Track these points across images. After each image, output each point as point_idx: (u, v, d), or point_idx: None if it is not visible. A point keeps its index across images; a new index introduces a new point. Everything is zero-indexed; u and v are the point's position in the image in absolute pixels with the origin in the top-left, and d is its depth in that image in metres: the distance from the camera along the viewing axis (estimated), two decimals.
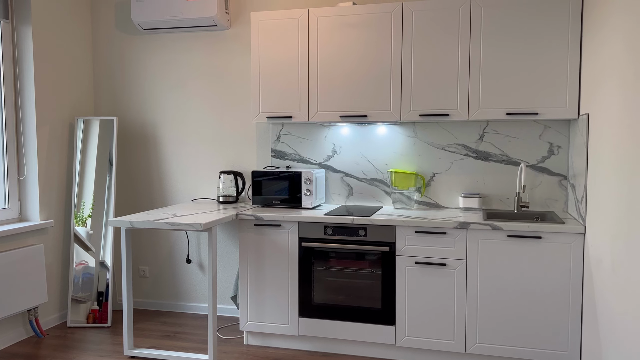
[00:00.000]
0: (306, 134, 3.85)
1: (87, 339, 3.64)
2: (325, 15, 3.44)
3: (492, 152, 3.53)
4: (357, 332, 3.28)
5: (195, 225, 3.02)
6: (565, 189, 3.42)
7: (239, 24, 3.94)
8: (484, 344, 3.08)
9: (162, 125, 4.15)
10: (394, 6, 3.31)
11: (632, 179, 2.11)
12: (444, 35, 3.25)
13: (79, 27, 4.11)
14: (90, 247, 3.93)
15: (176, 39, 4.07)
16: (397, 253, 3.18)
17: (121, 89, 4.22)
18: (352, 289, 3.28)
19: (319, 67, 3.47)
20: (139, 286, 4.30)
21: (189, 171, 4.12)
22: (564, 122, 3.41)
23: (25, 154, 3.72)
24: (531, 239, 2.98)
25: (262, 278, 3.42)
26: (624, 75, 2.26)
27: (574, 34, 3.07)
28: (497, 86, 3.19)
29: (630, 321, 2.11)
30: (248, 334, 3.55)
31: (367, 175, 3.76)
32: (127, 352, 3.32)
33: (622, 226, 2.24)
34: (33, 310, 3.64)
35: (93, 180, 3.96)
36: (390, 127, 3.69)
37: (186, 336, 3.70)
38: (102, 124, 4.00)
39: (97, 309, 3.91)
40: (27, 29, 3.65)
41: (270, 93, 3.56)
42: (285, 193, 3.60)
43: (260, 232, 3.40)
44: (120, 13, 4.18)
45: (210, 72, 4.03)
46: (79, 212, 3.93)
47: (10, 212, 3.66)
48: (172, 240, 4.19)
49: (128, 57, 4.19)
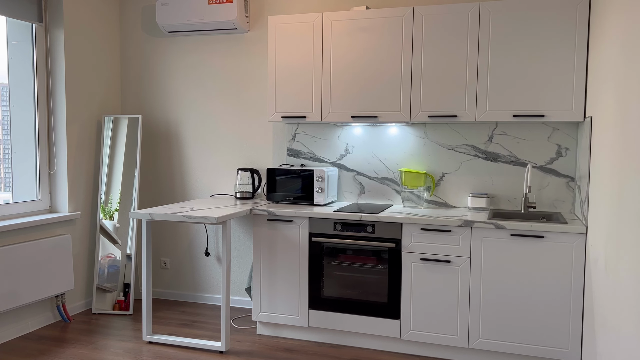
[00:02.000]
0: (320, 134, 3.99)
1: (109, 325, 3.85)
2: (339, 19, 3.56)
3: (500, 153, 3.60)
4: (364, 325, 3.40)
5: (210, 218, 3.18)
6: (572, 191, 3.47)
7: (258, 27, 4.11)
8: (486, 339, 3.16)
9: (184, 124, 4.35)
10: (405, 10, 3.42)
11: (623, 182, 2.18)
12: (453, 38, 3.34)
13: (108, 30, 4.34)
14: (117, 239, 4.14)
15: (198, 42, 4.26)
16: (404, 249, 3.29)
17: (146, 88, 4.44)
18: (360, 283, 3.40)
19: (332, 69, 3.60)
20: (160, 277, 4.50)
21: (208, 168, 4.31)
22: (572, 125, 3.46)
23: (55, 149, 3.96)
24: (534, 238, 3.05)
25: (274, 271, 3.57)
26: (618, 79, 2.32)
27: (580, 38, 3.13)
28: (505, 88, 3.27)
29: (620, 320, 2.18)
30: (260, 324, 3.70)
31: (379, 174, 3.87)
32: (146, 337, 3.51)
33: (613, 228, 2.31)
34: (60, 296, 3.87)
35: (121, 175, 4.18)
36: (401, 128, 3.80)
37: (202, 325, 3.87)
38: (128, 122, 4.22)
39: (123, 300, 4.12)
40: (60, 31, 3.89)
41: (285, 94, 3.71)
42: (299, 190, 3.74)
43: (273, 226, 3.55)
44: (146, 17, 4.39)
45: (230, 73, 4.20)
46: (106, 206, 4.16)
47: (41, 204, 3.91)
48: (192, 233, 4.38)
49: (153, 59, 4.40)
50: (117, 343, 3.52)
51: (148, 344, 3.50)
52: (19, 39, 3.81)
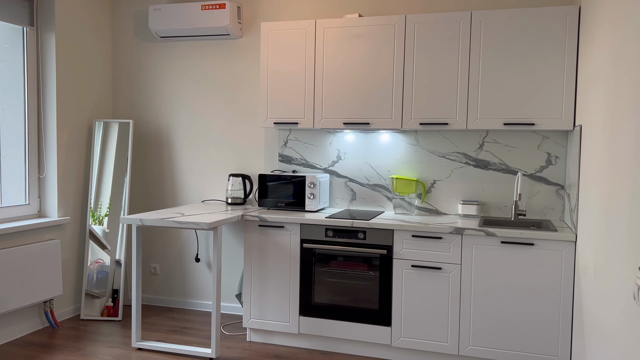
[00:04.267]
0: (312, 140, 3.99)
1: (98, 331, 3.82)
2: (332, 26, 3.58)
3: (491, 161, 3.63)
4: (355, 331, 3.39)
5: (201, 224, 3.17)
6: (562, 198, 3.50)
7: (251, 33, 4.11)
8: (476, 346, 3.17)
9: (176, 129, 4.34)
10: (397, 18, 3.44)
11: (612, 190, 2.20)
12: (444, 47, 3.37)
13: (100, 35, 4.32)
14: (106, 245, 4.11)
15: (191, 47, 4.26)
16: (395, 256, 3.30)
17: (138, 93, 4.42)
18: (351, 290, 3.40)
19: (324, 76, 3.61)
20: (150, 283, 4.47)
21: (200, 173, 4.29)
22: (562, 133, 3.49)
23: (45, 153, 3.93)
24: (524, 245, 3.07)
25: (265, 277, 3.56)
26: (608, 88, 2.35)
27: (570, 47, 3.16)
28: (496, 97, 3.30)
29: (609, 327, 2.19)
30: (251, 331, 3.69)
31: (370, 181, 3.88)
32: (135, 344, 3.48)
33: (602, 235, 2.33)
34: (49, 302, 3.83)
35: (111, 180, 4.15)
36: (393, 135, 3.81)
37: (192, 331, 3.85)
38: (119, 126, 4.20)
39: (112, 306, 4.09)
40: (51, 35, 3.87)
41: (277, 100, 3.72)
42: (291, 196, 3.74)
43: (264, 232, 3.55)
44: (138, 22, 4.38)
45: (223, 79, 4.20)
46: (96, 211, 4.13)
47: (30, 208, 3.87)
48: (182, 239, 4.36)
49: (145, 64, 4.39)
50: (106, 349, 3.49)
51: (137, 351, 3.47)
52: (10, 43, 3.79)
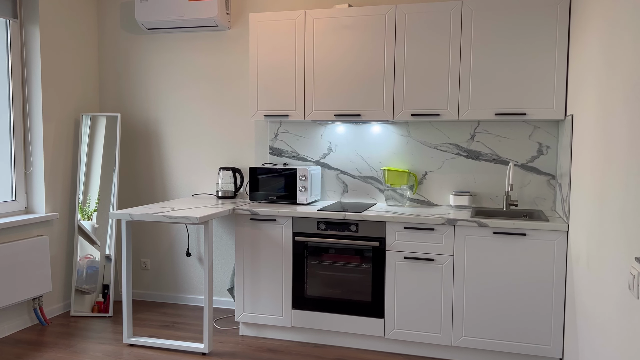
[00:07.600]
0: (303, 132, 3.96)
1: (89, 328, 3.78)
2: (322, 17, 3.54)
3: (482, 152, 3.62)
4: (348, 324, 3.38)
5: (191, 218, 3.14)
6: (553, 188, 3.51)
7: (239, 24, 4.06)
8: (469, 337, 3.18)
9: (165, 122, 4.28)
10: (387, 8, 3.41)
11: (604, 180, 2.20)
12: (435, 37, 3.34)
13: (85, 27, 4.25)
14: (95, 240, 4.06)
15: (179, 39, 4.20)
16: (387, 248, 3.28)
17: (125, 86, 4.36)
18: (344, 282, 3.39)
19: (314, 67, 3.57)
20: (141, 278, 4.43)
21: (189, 167, 4.25)
22: (553, 123, 3.49)
23: (32, 148, 3.86)
24: (516, 236, 3.06)
25: (257, 271, 3.53)
26: (599, 77, 2.34)
27: (561, 37, 3.15)
28: (487, 87, 3.28)
29: (601, 316, 2.20)
30: (243, 325, 3.67)
31: (362, 173, 3.86)
32: (126, 340, 3.45)
33: (595, 225, 2.33)
34: (38, 299, 3.78)
35: (99, 175, 4.09)
36: (384, 126, 3.79)
37: (184, 326, 3.82)
38: (106, 120, 4.13)
39: (102, 301, 4.05)
40: (35, 27, 3.79)
41: (267, 92, 3.68)
42: (282, 189, 3.71)
43: (256, 226, 3.52)
44: (125, 13, 4.31)
45: (211, 71, 4.15)
46: (85, 206, 4.07)
47: (16, 205, 3.81)
48: (172, 234, 4.32)
49: (132, 56, 4.32)
50: (97, 346, 3.45)
51: (129, 347, 3.44)
52: None
